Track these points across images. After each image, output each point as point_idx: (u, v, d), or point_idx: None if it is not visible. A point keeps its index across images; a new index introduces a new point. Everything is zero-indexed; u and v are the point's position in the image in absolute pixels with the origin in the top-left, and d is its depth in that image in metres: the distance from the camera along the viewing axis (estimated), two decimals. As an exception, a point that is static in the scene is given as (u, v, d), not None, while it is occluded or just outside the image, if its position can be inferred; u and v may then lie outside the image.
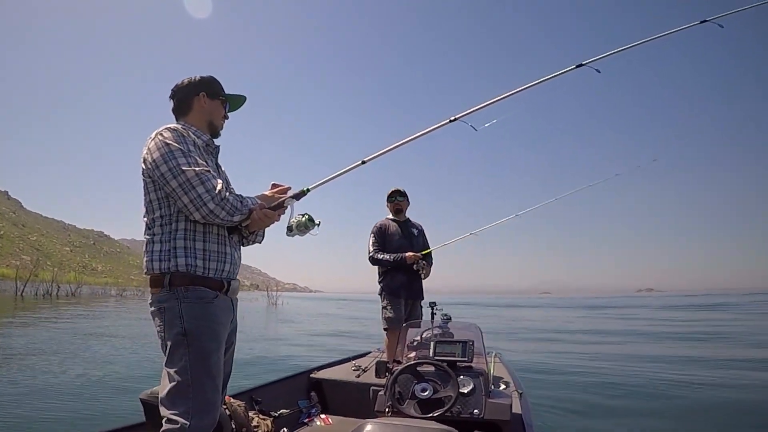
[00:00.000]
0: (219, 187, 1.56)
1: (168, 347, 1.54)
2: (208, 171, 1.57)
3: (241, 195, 1.65)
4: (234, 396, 2.64)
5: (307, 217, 1.71)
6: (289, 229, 1.72)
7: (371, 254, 3.76)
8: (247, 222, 1.68)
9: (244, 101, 1.91)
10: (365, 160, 1.88)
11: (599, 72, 2.11)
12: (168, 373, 1.52)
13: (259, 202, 1.70)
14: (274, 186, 1.83)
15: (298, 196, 1.75)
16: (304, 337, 12.09)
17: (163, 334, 1.56)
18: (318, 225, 1.71)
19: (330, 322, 19.05)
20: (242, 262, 1.81)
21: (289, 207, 1.73)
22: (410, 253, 3.71)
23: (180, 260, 1.57)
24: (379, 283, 3.77)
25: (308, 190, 1.78)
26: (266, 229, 1.86)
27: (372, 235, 3.81)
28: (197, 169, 1.55)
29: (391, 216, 3.93)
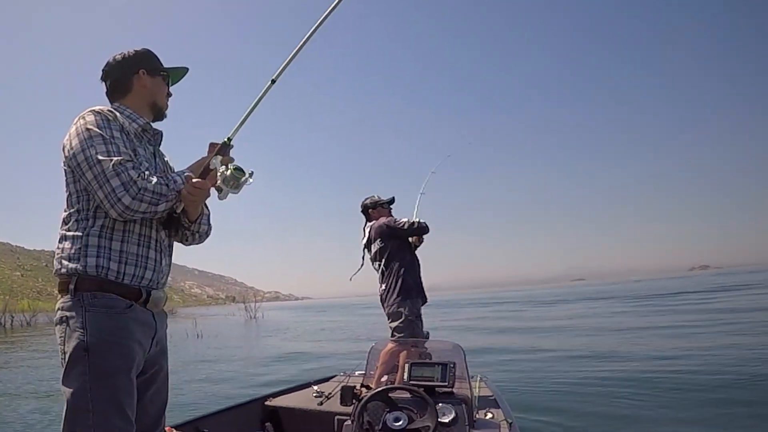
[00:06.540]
0: (135, 176, 1.49)
1: (65, 363, 1.49)
2: (129, 161, 1.52)
3: (167, 176, 1.59)
4: (176, 426, 2.72)
5: (233, 167, 1.58)
6: (219, 190, 1.60)
7: (419, 220, 3.71)
8: (181, 206, 1.62)
9: (185, 73, 1.89)
10: (274, 78, 1.84)
11: None
12: (65, 392, 1.47)
13: (188, 173, 1.63)
14: (212, 146, 1.75)
15: (221, 151, 1.68)
16: (285, 353, 11.99)
17: (62, 348, 1.50)
18: (251, 174, 1.60)
19: (322, 335, 18.90)
20: (215, 272, 1.84)
21: (216, 168, 1.61)
22: None
23: (90, 260, 1.52)
24: (415, 282, 3.69)
25: (230, 140, 1.72)
26: (233, 231, 2.02)
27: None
28: (115, 159, 1.50)
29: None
